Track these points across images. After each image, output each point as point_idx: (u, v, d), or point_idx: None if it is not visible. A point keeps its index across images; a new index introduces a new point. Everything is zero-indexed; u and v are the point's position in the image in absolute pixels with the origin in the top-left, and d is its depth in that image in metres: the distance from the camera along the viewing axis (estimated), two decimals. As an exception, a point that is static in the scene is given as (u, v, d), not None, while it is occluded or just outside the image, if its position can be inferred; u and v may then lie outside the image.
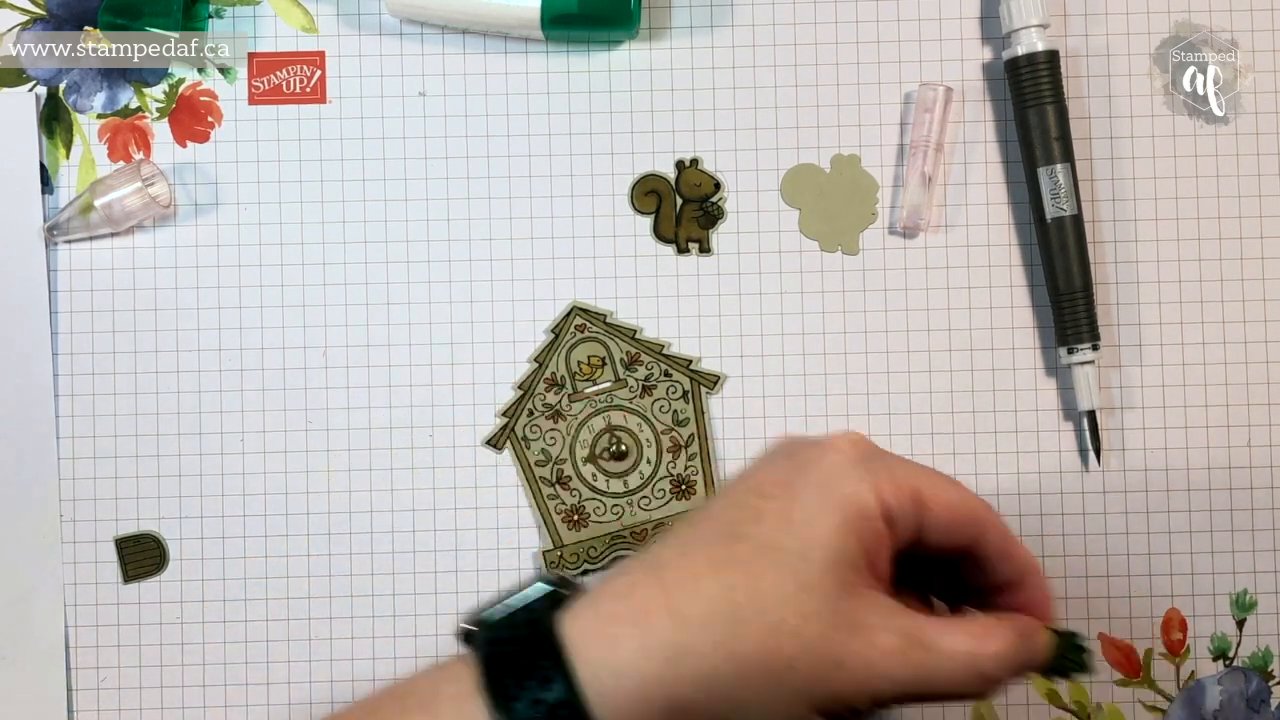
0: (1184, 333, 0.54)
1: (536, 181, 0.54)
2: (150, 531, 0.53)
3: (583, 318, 0.53)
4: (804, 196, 0.54)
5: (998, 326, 0.54)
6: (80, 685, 0.53)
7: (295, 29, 0.54)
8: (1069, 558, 0.53)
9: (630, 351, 0.53)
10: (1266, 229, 0.54)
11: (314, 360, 0.54)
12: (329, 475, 0.54)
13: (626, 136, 0.54)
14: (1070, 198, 0.52)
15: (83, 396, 0.53)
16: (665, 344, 0.54)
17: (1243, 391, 0.54)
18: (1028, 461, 0.54)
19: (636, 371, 0.53)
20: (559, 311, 0.54)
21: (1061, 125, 0.52)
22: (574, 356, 0.53)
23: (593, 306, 0.54)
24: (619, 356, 0.53)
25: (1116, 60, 0.54)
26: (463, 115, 0.54)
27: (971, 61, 0.54)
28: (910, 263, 0.54)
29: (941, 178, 0.54)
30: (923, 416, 0.54)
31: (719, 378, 0.53)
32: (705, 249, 0.54)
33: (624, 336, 0.53)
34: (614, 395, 0.53)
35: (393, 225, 0.54)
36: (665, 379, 0.53)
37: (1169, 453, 0.54)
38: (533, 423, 0.53)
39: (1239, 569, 0.53)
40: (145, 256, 0.54)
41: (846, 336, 0.54)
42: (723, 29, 0.54)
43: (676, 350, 0.54)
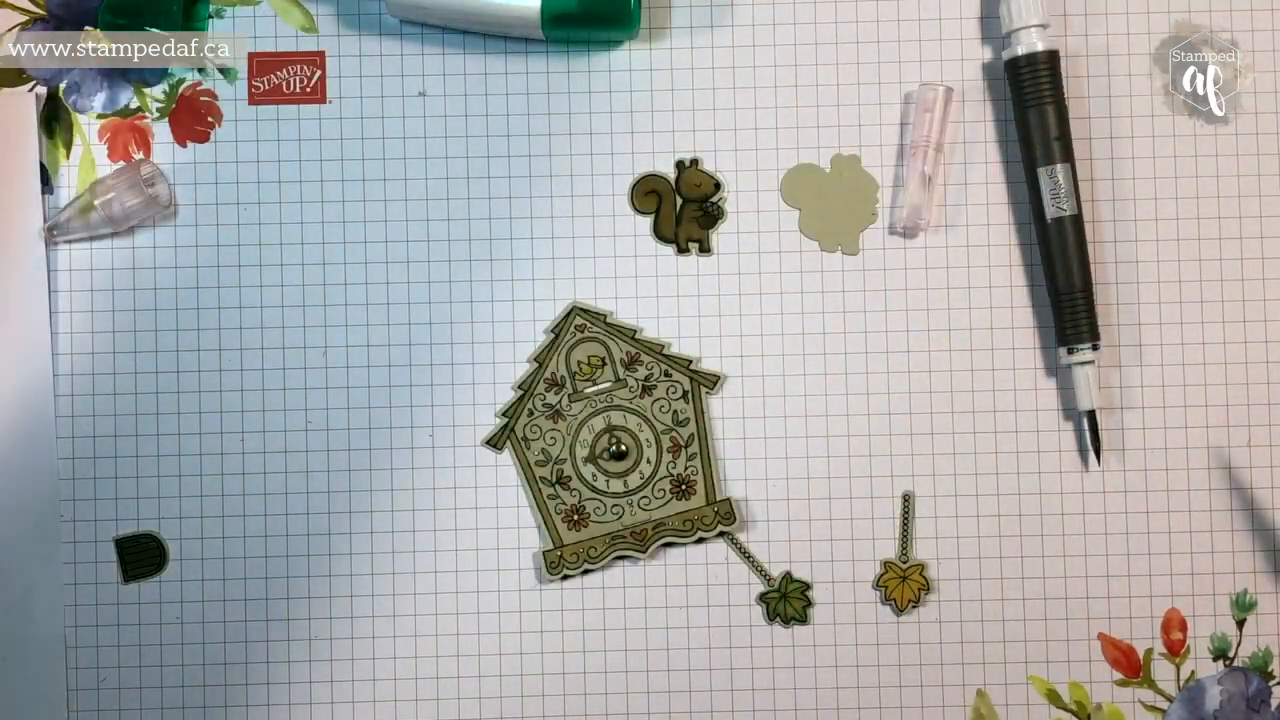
0: (1184, 333, 0.54)
1: (536, 181, 0.54)
2: (150, 531, 0.53)
3: (583, 318, 0.53)
4: (804, 196, 0.54)
5: (998, 326, 0.54)
6: (80, 685, 0.53)
7: (295, 29, 0.54)
8: (1069, 558, 0.53)
9: (630, 351, 0.53)
10: (1266, 229, 0.54)
11: (314, 360, 0.54)
12: (329, 475, 0.54)
13: (626, 136, 0.54)
14: (1070, 198, 0.52)
15: (83, 396, 0.53)
16: (665, 344, 0.54)
17: (1243, 391, 0.54)
18: (1028, 461, 0.54)
19: (636, 371, 0.53)
20: (559, 311, 0.54)
21: (1061, 125, 0.52)
22: (574, 356, 0.53)
23: (593, 306, 0.54)
24: (619, 356, 0.53)
25: (1116, 60, 0.54)
26: (463, 115, 0.54)
27: (971, 61, 0.54)
28: (910, 263, 0.54)
29: (941, 178, 0.54)
30: (923, 416, 0.54)
31: (719, 378, 0.53)
32: (705, 249, 0.54)
33: (624, 336, 0.53)
34: (614, 395, 0.53)
35: (393, 225, 0.54)
36: (665, 379, 0.53)
37: (1169, 453, 0.54)
38: (533, 423, 0.53)
39: (1239, 569, 0.53)
40: (145, 256, 0.54)
41: (846, 336, 0.54)
42: (723, 29, 0.54)
43: (676, 350, 0.54)
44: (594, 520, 0.53)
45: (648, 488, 0.53)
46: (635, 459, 0.53)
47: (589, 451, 0.53)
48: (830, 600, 0.53)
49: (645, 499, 0.53)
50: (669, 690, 0.53)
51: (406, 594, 0.53)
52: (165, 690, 0.53)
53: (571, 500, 0.53)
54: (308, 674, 0.53)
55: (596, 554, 0.53)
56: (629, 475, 0.53)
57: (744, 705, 0.53)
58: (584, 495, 0.53)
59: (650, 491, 0.53)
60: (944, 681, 0.53)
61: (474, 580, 0.53)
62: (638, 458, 0.53)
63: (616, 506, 0.53)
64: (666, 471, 0.53)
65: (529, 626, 0.53)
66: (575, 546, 0.53)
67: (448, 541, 0.53)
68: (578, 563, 0.53)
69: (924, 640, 0.53)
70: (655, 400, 0.53)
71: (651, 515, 0.53)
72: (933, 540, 0.53)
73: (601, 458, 0.53)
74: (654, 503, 0.53)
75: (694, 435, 0.53)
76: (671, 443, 0.53)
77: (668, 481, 0.53)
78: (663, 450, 0.53)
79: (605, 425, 0.53)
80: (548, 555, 0.53)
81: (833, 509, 0.53)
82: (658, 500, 0.53)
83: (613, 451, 0.53)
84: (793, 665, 0.53)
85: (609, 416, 0.53)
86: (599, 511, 0.53)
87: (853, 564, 0.53)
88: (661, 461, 0.53)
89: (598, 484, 0.53)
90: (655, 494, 0.53)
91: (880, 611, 0.53)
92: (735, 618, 0.53)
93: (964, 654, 0.53)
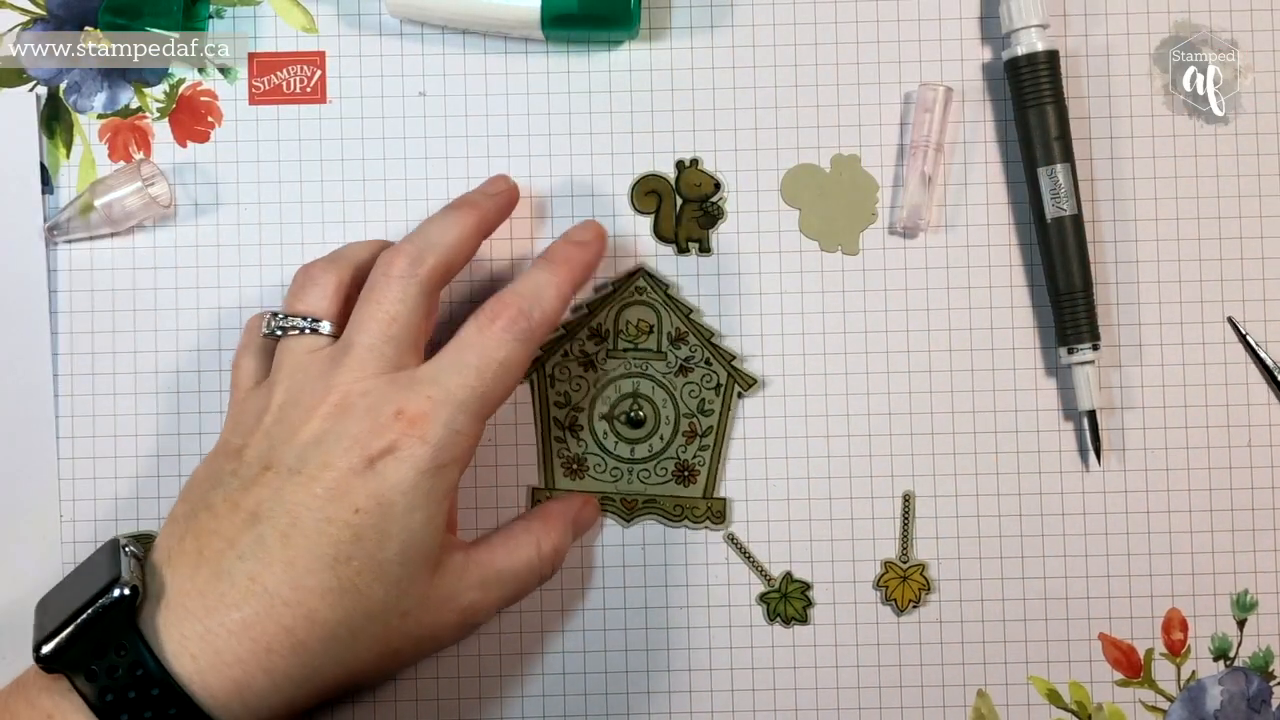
0: (1184, 333, 0.54)
1: (536, 181, 0.54)
2: (150, 532, 0.53)
3: (646, 281, 0.53)
4: (804, 196, 0.54)
5: (998, 326, 0.54)
6: (80, 685, 0.53)
7: (295, 29, 0.54)
8: (1069, 558, 0.53)
9: (680, 329, 0.53)
10: (1266, 229, 0.54)
11: (314, 360, 0.54)
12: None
13: (626, 136, 0.54)
14: (1070, 198, 0.52)
15: (83, 396, 0.53)
16: (717, 334, 0.53)
17: (1243, 391, 0.54)
18: (1028, 461, 0.54)
19: (679, 350, 0.53)
20: (622, 268, 0.54)
21: (1061, 125, 0.52)
22: (625, 316, 0.53)
23: (659, 274, 0.54)
24: (668, 330, 0.53)
25: (1116, 60, 0.54)
26: (463, 115, 0.54)
27: (971, 61, 0.54)
28: (910, 263, 0.54)
29: (941, 178, 0.54)
30: (923, 416, 0.54)
31: (755, 382, 0.53)
32: (705, 249, 0.54)
33: (679, 312, 0.53)
34: (650, 364, 0.53)
35: (393, 225, 0.54)
36: (704, 366, 0.53)
37: (1169, 453, 0.54)
38: (564, 364, 0.53)
39: (1239, 569, 0.53)
40: (145, 256, 0.54)
41: (846, 337, 0.54)
42: (723, 29, 0.54)
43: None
44: (591, 475, 0.53)
45: (651, 463, 0.53)
46: (649, 431, 0.53)
47: (609, 409, 0.53)
48: (830, 600, 0.53)
49: (646, 472, 0.53)
50: (669, 690, 0.53)
51: (406, 594, 0.53)
52: (165, 690, 0.53)
53: (577, 449, 0.53)
54: (308, 674, 0.53)
55: None
56: (638, 445, 0.53)
57: (744, 705, 0.53)
58: (589, 448, 0.53)
59: (653, 467, 0.53)
60: (944, 681, 0.53)
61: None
62: (652, 431, 0.53)
63: (616, 470, 0.53)
64: (675, 454, 0.53)
65: (529, 626, 0.53)
66: (565, 495, 0.53)
67: (448, 541, 0.53)
68: None
69: (924, 640, 0.53)
70: (688, 383, 0.53)
71: (647, 489, 0.53)
72: (933, 540, 0.53)
73: (618, 419, 0.53)
74: (653, 478, 0.53)
75: (712, 428, 0.53)
76: (689, 427, 0.53)
77: (672, 463, 0.53)
78: (678, 432, 0.53)
79: (632, 390, 0.53)
80: (537, 493, 0.53)
81: (833, 509, 0.53)
82: (657, 478, 0.53)
83: (630, 417, 0.53)
84: (793, 665, 0.53)
85: (638, 383, 0.53)
86: (598, 469, 0.53)
87: (853, 564, 0.53)
88: (673, 443, 0.53)
89: (606, 443, 0.53)
90: (657, 471, 0.53)
91: (880, 611, 0.53)
92: (735, 618, 0.53)
93: (964, 654, 0.53)
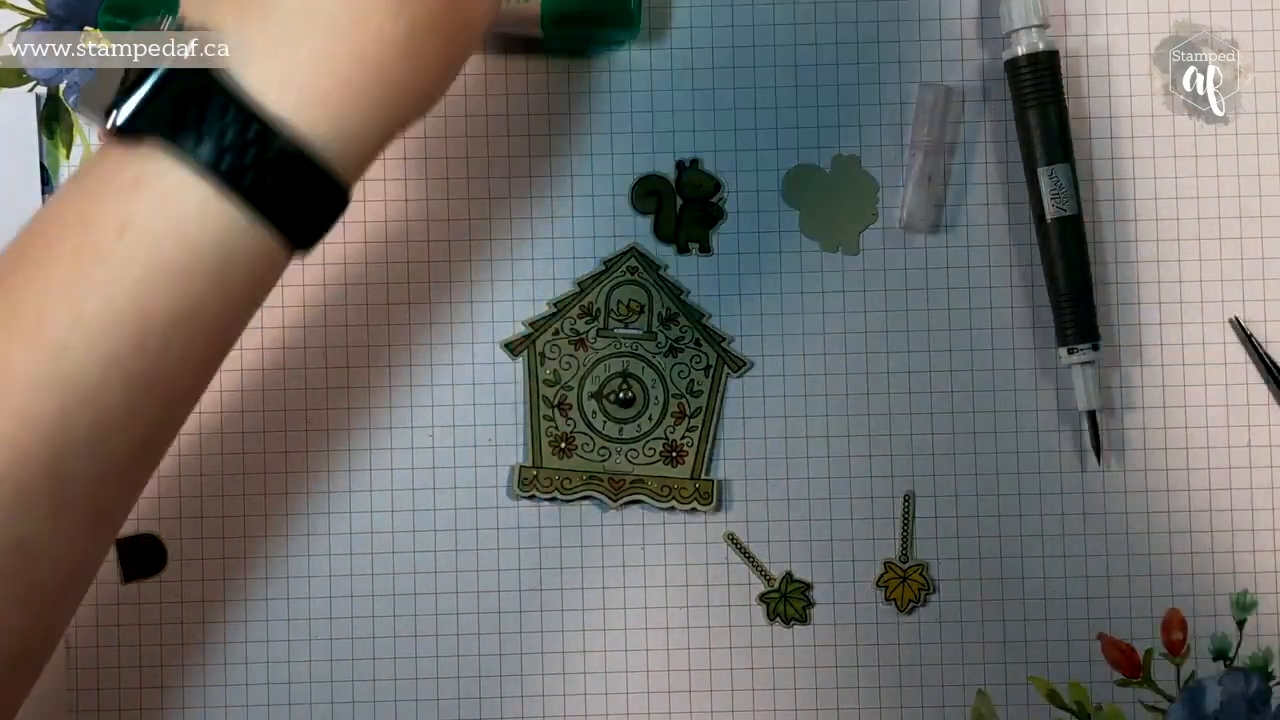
0: (1184, 333, 0.54)
1: (536, 181, 0.54)
2: (150, 532, 0.53)
3: (637, 261, 0.53)
4: (804, 196, 0.54)
5: (998, 326, 0.54)
6: (80, 685, 0.53)
7: (295, 29, 0.54)
8: (1069, 558, 0.53)
9: (671, 309, 0.53)
10: (1266, 229, 0.54)
11: (314, 360, 0.54)
12: (329, 475, 0.54)
13: (626, 136, 0.54)
14: (1070, 198, 0.52)
15: (83, 396, 0.53)
16: (707, 314, 0.54)
17: (1243, 391, 0.54)
18: (1028, 461, 0.54)
19: (670, 330, 0.53)
20: (618, 247, 0.54)
21: (1061, 125, 0.52)
22: (615, 295, 0.53)
23: (652, 255, 0.54)
24: (659, 310, 0.53)
25: (1116, 60, 0.54)
26: (463, 115, 0.54)
27: (971, 61, 0.54)
28: (910, 263, 0.54)
29: (941, 178, 0.54)
30: (923, 416, 0.54)
31: (745, 363, 0.53)
32: (705, 249, 0.54)
33: (671, 293, 0.53)
34: (641, 344, 0.53)
35: (393, 225, 0.54)
36: (694, 347, 0.53)
37: (1169, 453, 0.54)
38: (555, 342, 0.53)
39: (1239, 569, 0.53)
40: (145, 256, 0.54)
41: (846, 337, 0.54)
42: (723, 29, 0.54)
43: (699, 335, 0.54)
44: (579, 454, 0.53)
45: (639, 443, 0.53)
46: (638, 411, 0.53)
47: (598, 388, 0.53)
48: (831, 600, 0.53)
49: (634, 452, 0.53)
50: (669, 690, 0.53)
51: (406, 594, 0.53)
52: (165, 690, 0.53)
53: (565, 428, 0.53)
54: (308, 674, 0.53)
55: (570, 486, 0.53)
56: (626, 425, 0.53)
57: (744, 705, 0.53)
58: (578, 427, 0.53)
59: (641, 447, 0.53)
60: (944, 681, 0.53)
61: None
62: (641, 411, 0.53)
63: (604, 449, 0.53)
64: (663, 434, 0.53)
65: (530, 626, 0.53)
66: (552, 473, 0.53)
67: (448, 542, 0.53)
68: (550, 489, 0.53)
69: (924, 640, 0.53)
70: (677, 364, 0.53)
71: (634, 469, 0.53)
72: (933, 540, 0.53)
73: (608, 398, 0.53)
74: (641, 458, 0.53)
75: (701, 409, 0.53)
76: (678, 408, 0.53)
77: (660, 443, 0.53)
78: (667, 413, 0.53)
79: (622, 369, 0.53)
80: (523, 471, 0.53)
81: (833, 509, 0.53)
82: (645, 458, 0.53)
83: (619, 397, 0.53)
84: (793, 665, 0.53)
85: (628, 363, 0.53)
86: (586, 448, 0.53)
87: (853, 564, 0.53)
88: (662, 424, 0.53)
89: (595, 422, 0.53)
90: (645, 451, 0.53)
91: (881, 611, 0.53)
92: (735, 618, 0.53)
93: (964, 654, 0.53)
